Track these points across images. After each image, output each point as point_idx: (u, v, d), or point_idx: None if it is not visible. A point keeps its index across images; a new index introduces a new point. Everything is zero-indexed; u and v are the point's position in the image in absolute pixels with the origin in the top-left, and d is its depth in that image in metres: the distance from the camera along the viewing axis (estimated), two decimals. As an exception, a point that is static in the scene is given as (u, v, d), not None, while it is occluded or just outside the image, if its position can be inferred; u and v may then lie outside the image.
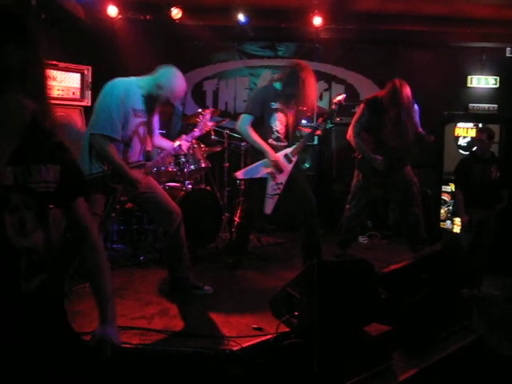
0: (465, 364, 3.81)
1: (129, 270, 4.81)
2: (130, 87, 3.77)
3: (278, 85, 4.83)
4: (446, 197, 6.73)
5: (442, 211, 6.78)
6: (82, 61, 5.28)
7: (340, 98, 5.06)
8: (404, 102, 5.01)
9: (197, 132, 4.33)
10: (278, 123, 4.82)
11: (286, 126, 4.89)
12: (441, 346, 3.78)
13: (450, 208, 6.59)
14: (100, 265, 1.95)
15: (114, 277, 4.48)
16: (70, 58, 5.29)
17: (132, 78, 3.86)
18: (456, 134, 6.88)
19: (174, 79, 3.87)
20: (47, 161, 1.70)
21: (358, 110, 5.23)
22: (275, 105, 4.78)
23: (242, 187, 5.25)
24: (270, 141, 4.80)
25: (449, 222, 6.71)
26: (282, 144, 4.88)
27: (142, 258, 5.05)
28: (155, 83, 3.83)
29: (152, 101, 3.89)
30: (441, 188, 6.73)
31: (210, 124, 5.02)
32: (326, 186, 6.86)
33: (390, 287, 4.06)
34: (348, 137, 5.23)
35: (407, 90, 5.03)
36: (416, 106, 5.21)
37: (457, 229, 6.09)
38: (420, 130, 5.17)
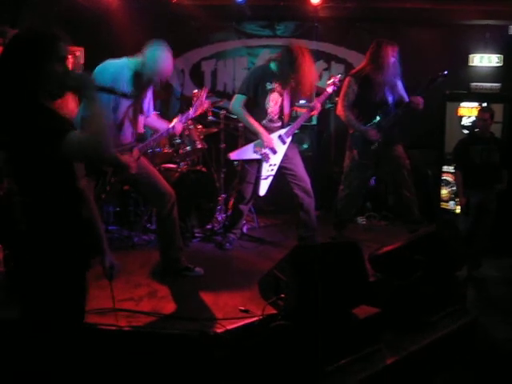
0: (457, 347, 3.79)
1: (122, 252, 4.77)
2: (120, 70, 3.72)
3: (273, 65, 4.77)
4: (449, 177, 6.65)
5: (446, 192, 6.72)
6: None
7: (333, 79, 5.02)
8: (387, 61, 4.92)
9: (192, 112, 4.27)
10: (273, 104, 4.77)
11: (281, 107, 4.84)
12: (432, 329, 3.76)
13: (454, 189, 6.52)
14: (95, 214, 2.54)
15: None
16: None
17: (123, 60, 3.80)
18: (459, 114, 6.79)
19: (159, 58, 3.76)
20: None
21: (344, 84, 5.11)
22: (270, 85, 4.73)
23: (239, 168, 5.21)
24: (264, 121, 4.76)
25: (452, 202, 6.65)
26: (276, 125, 4.83)
27: (135, 239, 5.03)
28: (142, 63, 3.77)
29: (141, 81, 3.83)
30: (441, 168, 6.66)
31: (206, 104, 4.97)
32: (324, 166, 6.80)
33: (382, 269, 4.04)
34: (338, 112, 5.13)
35: (388, 50, 4.93)
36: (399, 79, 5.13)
37: (459, 209, 6.02)
38: (406, 100, 5.06)
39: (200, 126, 5.64)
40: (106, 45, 5.71)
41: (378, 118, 5.03)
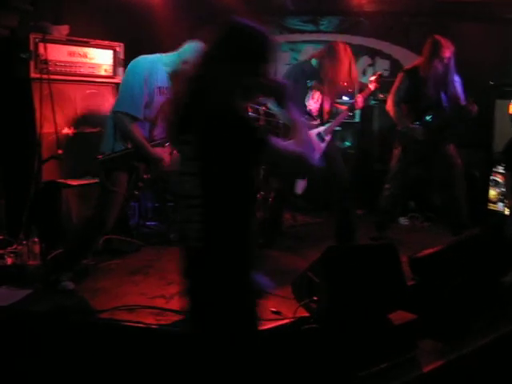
0: (500, 356, 3.60)
1: (158, 247, 4.76)
2: (155, 65, 3.69)
3: (314, 61, 4.69)
4: (498, 178, 6.39)
5: (494, 193, 6.45)
6: (117, 37, 5.25)
7: (376, 76, 4.92)
8: (442, 60, 4.75)
9: None
10: (312, 101, 4.70)
11: (321, 105, 4.75)
12: (475, 337, 3.58)
13: (503, 190, 6.26)
14: None
15: (142, 254, 4.53)
16: (104, 35, 5.23)
17: (157, 55, 3.77)
18: (511, 112, 6.51)
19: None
20: None
21: (397, 79, 5.00)
22: (311, 82, 4.64)
23: (277, 165, 5.15)
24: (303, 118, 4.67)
25: (501, 204, 6.38)
26: (314, 122, 4.74)
27: (172, 235, 4.99)
28: (180, 59, 3.71)
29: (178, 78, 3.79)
30: (490, 169, 6.39)
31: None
32: (367, 165, 6.62)
33: (423, 272, 3.87)
34: (387, 107, 5.02)
35: (448, 51, 4.76)
36: (457, 78, 4.93)
37: (508, 211, 5.77)
38: (462, 102, 4.88)
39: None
40: (146, 41, 5.69)
41: (427, 118, 4.88)
